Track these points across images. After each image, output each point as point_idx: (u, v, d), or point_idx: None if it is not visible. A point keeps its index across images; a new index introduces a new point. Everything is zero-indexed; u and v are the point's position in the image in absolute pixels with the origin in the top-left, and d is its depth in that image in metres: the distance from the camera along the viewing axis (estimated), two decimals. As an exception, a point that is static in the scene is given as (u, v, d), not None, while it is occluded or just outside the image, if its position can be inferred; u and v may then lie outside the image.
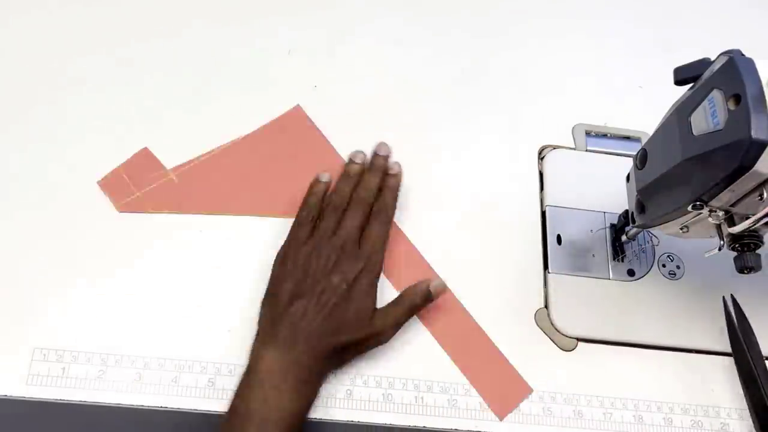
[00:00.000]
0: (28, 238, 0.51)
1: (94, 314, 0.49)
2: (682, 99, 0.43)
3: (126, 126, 0.56)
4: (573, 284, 0.54)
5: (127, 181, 0.53)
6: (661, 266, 0.55)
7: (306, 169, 0.54)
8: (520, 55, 0.65)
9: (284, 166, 0.56)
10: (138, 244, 0.52)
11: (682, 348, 0.53)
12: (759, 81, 0.37)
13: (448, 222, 0.55)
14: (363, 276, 0.48)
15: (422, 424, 0.48)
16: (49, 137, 0.55)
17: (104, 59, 0.59)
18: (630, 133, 0.61)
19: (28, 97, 0.56)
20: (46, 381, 0.46)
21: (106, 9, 0.61)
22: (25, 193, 0.52)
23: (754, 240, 0.42)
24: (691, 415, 0.50)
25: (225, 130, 0.56)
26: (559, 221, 0.56)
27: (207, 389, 0.47)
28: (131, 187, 0.53)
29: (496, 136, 0.60)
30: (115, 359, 0.47)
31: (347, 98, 0.60)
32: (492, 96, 0.62)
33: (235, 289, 0.51)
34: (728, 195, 0.39)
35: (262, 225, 0.53)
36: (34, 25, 0.60)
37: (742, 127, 0.36)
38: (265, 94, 0.59)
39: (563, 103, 0.62)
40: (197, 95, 0.58)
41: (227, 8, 0.63)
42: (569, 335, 0.52)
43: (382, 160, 0.54)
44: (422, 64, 0.63)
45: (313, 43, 0.63)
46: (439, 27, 0.65)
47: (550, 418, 0.49)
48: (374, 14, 0.65)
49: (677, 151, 0.41)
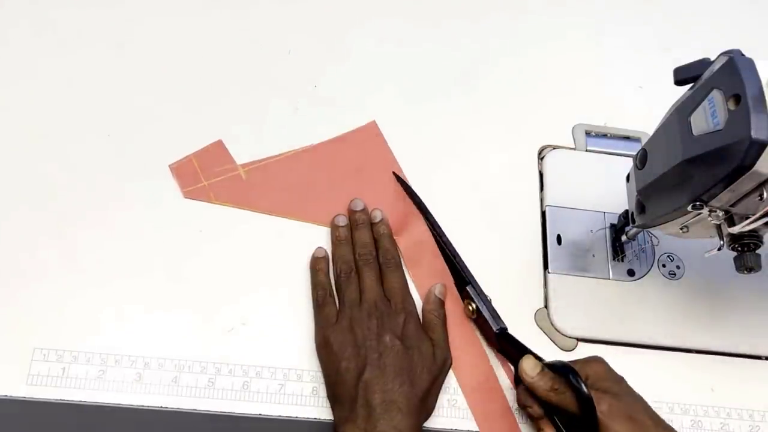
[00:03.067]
0: (27, 237, 0.51)
1: (94, 314, 0.49)
2: (682, 99, 0.43)
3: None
4: (573, 284, 0.54)
5: (196, 169, 0.54)
6: (661, 266, 0.55)
7: (371, 186, 0.55)
8: (520, 56, 0.65)
9: (350, 179, 0.55)
10: (138, 244, 0.52)
11: (683, 348, 0.53)
12: (759, 81, 0.37)
13: (448, 222, 0.55)
14: (407, 324, 0.48)
15: (422, 424, 0.48)
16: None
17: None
18: (630, 133, 0.61)
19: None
20: (46, 381, 0.46)
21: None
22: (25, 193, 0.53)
23: (754, 240, 0.42)
24: (691, 415, 0.50)
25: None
26: (559, 221, 0.56)
27: (207, 389, 0.47)
28: (200, 176, 0.54)
29: (496, 136, 0.60)
30: (115, 359, 0.47)
31: (347, 98, 0.60)
32: (492, 96, 0.62)
33: (236, 289, 0.51)
34: (728, 195, 0.39)
35: (262, 226, 0.54)
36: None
37: (742, 127, 0.36)
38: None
39: (563, 103, 0.62)
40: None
41: (227, 8, 0.63)
42: (569, 335, 0.52)
43: (362, 215, 0.53)
44: (422, 65, 0.63)
45: (313, 43, 0.63)
46: (440, 27, 0.65)
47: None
48: (374, 14, 0.65)
49: (677, 151, 0.41)
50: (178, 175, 0.54)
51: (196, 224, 0.53)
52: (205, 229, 0.53)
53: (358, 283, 0.50)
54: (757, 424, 0.50)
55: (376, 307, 0.49)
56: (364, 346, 0.46)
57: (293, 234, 0.53)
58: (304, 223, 0.54)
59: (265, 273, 0.52)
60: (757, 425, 0.50)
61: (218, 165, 0.55)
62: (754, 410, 0.51)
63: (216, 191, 0.54)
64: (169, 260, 0.51)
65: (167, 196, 0.54)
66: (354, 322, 0.48)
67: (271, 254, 0.52)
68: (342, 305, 0.49)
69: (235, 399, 0.47)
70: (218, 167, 0.55)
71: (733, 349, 0.53)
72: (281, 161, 0.56)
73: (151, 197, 0.54)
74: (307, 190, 0.55)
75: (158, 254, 0.51)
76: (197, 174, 0.54)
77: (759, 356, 0.53)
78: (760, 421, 0.50)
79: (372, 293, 0.49)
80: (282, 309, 0.50)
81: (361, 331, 0.47)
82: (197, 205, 0.54)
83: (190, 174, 0.54)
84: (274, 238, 0.53)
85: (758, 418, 0.50)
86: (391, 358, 0.46)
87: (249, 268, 0.52)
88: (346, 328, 0.48)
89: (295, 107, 0.59)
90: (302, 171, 0.56)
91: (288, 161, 0.56)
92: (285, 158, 0.56)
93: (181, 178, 0.54)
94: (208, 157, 0.55)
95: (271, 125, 0.58)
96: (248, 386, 0.47)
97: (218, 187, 0.54)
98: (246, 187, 0.54)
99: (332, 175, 0.56)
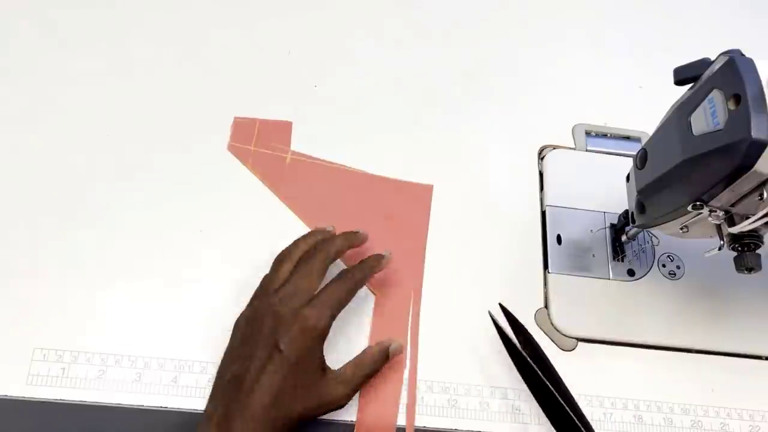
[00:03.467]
0: (27, 237, 0.51)
1: (94, 314, 0.49)
2: (682, 99, 0.43)
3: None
4: (573, 284, 0.54)
5: (254, 133, 0.57)
6: (661, 266, 0.55)
7: (390, 236, 0.54)
8: (521, 56, 0.65)
9: (375, 220, 0.54)
10: (138, 244, 0.52)
11: (683, 348, 0.53)
12: (759, 81, 0.37)
13: (447, 222, 0.55)
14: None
15: (422, 424, 0.48)
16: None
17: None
18: (630, 133, 0.61)
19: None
20: (46, 381, 0.46)
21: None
22: (25, 193, 0.53)
23: (754, 240, 0.42)
24: (691, 415, 0.50)
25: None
26: (559, 221, 0.56)
27: (207, 389, 0.47)
28: (252, 140, 0.56)
29: (496, 136, 0.60)
30: (115, 359, 0.47)
31: (347, 98, 0.60)
32: (492, 96, 0.62)
33: (236, 289, 0.51)
34: (728, 195, 0.39)
35: (264, 226, 0.54)
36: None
37: (742, 127, 0.36)
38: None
39: (563, 103, 0.63)
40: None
41: (226, 8, 0.63)
42: (569, 335, 0.52)
43: (363, 238, 0.51)
44: (422, 64, 0.63)
45: (313, 43, 0.63)
46: (440, 27, 0.66)
47: (550, 418, 0.49)
48: (374, 14, 0.65)
49: (677, 151, 0.41)
50: (236, 127, 0.57)
51: (196, 224, 0.53)
52: (205, 229, 0.53)
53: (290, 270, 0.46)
54: (757, 424, 0.50)
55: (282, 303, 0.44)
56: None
57: (296, 235, 0.53)
58: (308, 228, 0.54)
59: (266, 273, 0.51)
60: (757, 425, 0.50)
61: (274, 141, 0.56)
62: (754, 410, 0.51)
63: (255, 160, 0.56)
64: (170, 260, 0.51)
65: (167, 195, 0.54)
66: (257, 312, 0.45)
67: (271, 254, 0.52)
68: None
69: (235, 399, 0.47)
70: (272, 143, 0.56)
71: (733, 349, 0.53)
72: (328, 169, 0.56)
73: (151, 197, 0.54)
74: (332, 205, 0.55)
75: (158, 254, 0.51)
76: (251, 137, 0.56)
77: (759, 356, 0.53)
78: (760, 421, 0.50)
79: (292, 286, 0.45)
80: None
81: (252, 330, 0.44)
82: (197, 206, 0.54)
83: (245, 133, 0.57)
84: (275, 239, 0.53)
85: (758, 418, 0.50)
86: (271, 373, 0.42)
87: (249, 268, 0.52)
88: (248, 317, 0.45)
89: (295, 107, 0.59)
90: (340, 187, 0.55)
91: (334, 172, 0.56)
92: (333, 168, 0.56)
93: (236, 131, 0.57)
94: (270, 130, 0.57)
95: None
96: (248, 386, 0.47)
97: (260, 157, 0.56)
98: (283, 171, 0.55)
99: (363, 206, 0.55)
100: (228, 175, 0.55)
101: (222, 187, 0.55)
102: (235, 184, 0.55)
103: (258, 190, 0.55)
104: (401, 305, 0.51)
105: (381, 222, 0.54)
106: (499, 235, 0.55)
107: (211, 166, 0.56)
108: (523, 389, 0.49)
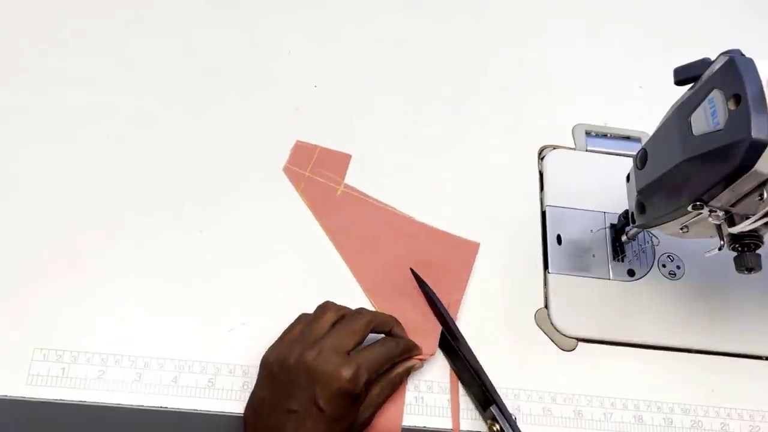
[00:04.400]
0: (28, 238, 0.51)
1: (94, 314, 0.49)
2: (682, 99, 0.43)
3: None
4: (573, 284, 0.54)
5: (312, 159, 0.57)
6: (661, 266, 0.55)
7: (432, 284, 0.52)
8: (521, 56, 0.65)
9: (416, 266, 0.53)
10: (138, 245, 0.52)
11: (682, 348, 0.53)
12: (759, 81, 0.37)
13: (447, 222, 0.55)
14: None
15: (422, 424, 0.48)
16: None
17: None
18: (630, 133, 0.61)
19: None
20: (46, 381, 0.46)
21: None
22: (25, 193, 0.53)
23: (754, 240, 0.42)
24: (691, 415, 0.50)
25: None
26: (559, 221, 0.56)
27: (207, 389, 0.47)
28: (308, 166, 0.56)
29: (496, 136, 0.60)
30: (115, 359, 0.47)
31: (347, 98, 0.60)
32: (492, 96, 0.62)
33: (236, 290, 0.51)
34: (728, 195, 0.39)
35: (263, 227, 0.54)
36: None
37: (742, 127, 0.36)
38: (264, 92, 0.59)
39: (563, 103, 0.63)
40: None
41: (227, 8, 0.63)
42: (569, 335, 0.52)
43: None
44: (422, 64, 0.63)
45: (313, 43, 0.63)
46: (440, 27, 0.66)
47: (550, 418, 0.49)
48: (374, 14, 0.65)
49: (677, 151, 0.41)
50: (295, 150, 0.57)
51: (196, 224, 0.53)
52: (204, 229, 0.53)
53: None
54: (757, 424, 0.50)
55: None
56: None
57: (297, 237, 0.53)
58: (311, 233, 0.54)
59: (266, 273, 0.52)
60: (757, 425, 0.50)
61: (329, 170, 0.56)
62: (754, 410, 0.51)
63: (306, 185, 0.56)
64: (170, 260, 0.51)
65: (167, 195, 0.54)
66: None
67: (272, 254, 0.52)
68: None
69: (234, 399, 0.47)
70: (328, 172, 0.56)
71: (733, 349, 0.53)
72: (378, 208, 0.55)
73: (151, 197, 0.54)
74: (372, 243, 0.54)
75: (158, 254, 0.51)
76: (309, 163, 0.56)
77: (759, 356, 0.53)
78: (760, 421, 0.50)
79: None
80: (282, 309, 0.50)
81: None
82: (196, 206, 0.54)
83: (304, 157, 0.57)
84: (277, 239, 0.53)
85: (758, 418, 0.50)
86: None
87: (249, 268, 0.52)
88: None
89: (295, 106, 0.59)
90: (384, 229, 0.55)
91: (382, 213, 0.55)
92: (382, 208, 0.56)
93: (295, 154, 0.57)
94: (329, 159, 0.57)
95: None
96: (248, 386, 0.47)
97: (312, 184, 0.56)
98: (331, 201, 0.55)
99: (404, 251, 0.54)
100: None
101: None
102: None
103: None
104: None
105: (421, 268, 0.53)
106: (499, 235, 0.55)
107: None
108: (523, 389, 0.49)
